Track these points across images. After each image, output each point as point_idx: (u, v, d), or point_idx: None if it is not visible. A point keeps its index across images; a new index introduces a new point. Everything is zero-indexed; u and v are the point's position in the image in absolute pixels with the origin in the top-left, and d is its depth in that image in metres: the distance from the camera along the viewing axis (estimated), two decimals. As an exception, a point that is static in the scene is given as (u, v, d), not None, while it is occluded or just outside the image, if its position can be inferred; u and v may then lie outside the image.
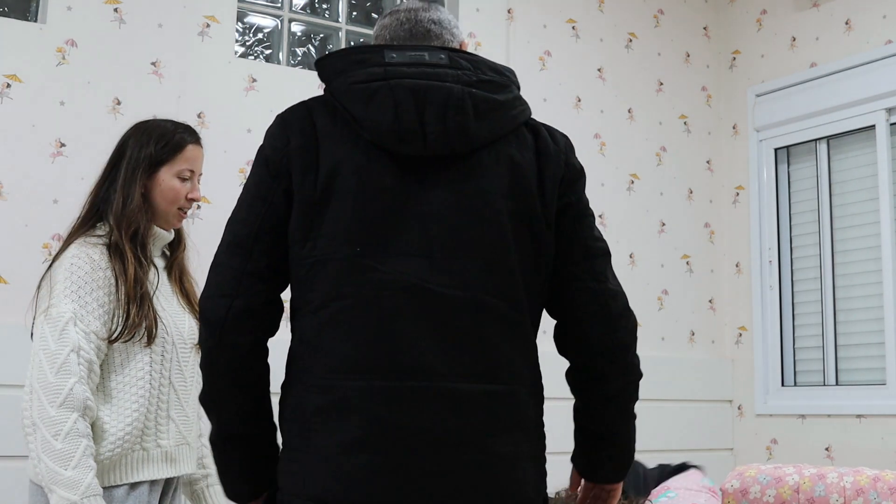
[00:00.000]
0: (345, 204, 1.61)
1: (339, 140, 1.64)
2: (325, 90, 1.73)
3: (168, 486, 2.38)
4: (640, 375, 1.77)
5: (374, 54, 1.67)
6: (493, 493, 1.58)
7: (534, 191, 1.68)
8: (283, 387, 1.68)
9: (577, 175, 1.75)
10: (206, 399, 1.70)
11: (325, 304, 1.61)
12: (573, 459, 1.83)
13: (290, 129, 1.67)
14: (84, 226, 2.35)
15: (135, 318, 2.24)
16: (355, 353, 1.58)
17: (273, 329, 1.68)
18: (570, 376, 1.78)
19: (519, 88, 1.74)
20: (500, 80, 1.70)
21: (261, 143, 1.71)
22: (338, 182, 1.61)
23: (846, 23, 4.15)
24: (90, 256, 2.25)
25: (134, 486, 2.23)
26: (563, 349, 1.76)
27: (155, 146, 2.36)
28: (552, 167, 1.71)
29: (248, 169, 3.38)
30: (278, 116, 1.72)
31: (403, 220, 1.61)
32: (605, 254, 1.75)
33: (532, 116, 1.75)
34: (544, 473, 1.70)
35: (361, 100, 1.62)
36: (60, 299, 2.20)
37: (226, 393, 1.67)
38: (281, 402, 1.68)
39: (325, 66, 1.72)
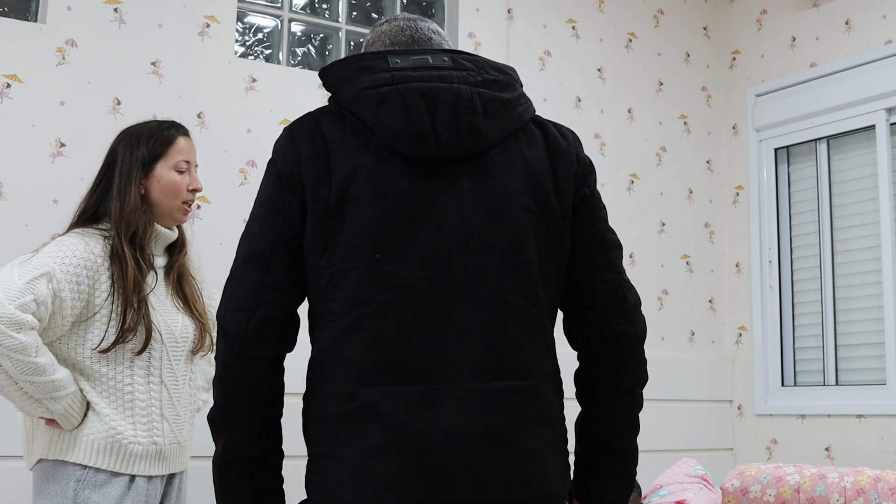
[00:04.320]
0: (361, 211, 1.60)
1: (350, 148, 1.63)
2: (330, 99, 1.72)
3: (170, 485, 2.39)
4: (646, 378, 1.78)
5: (378, 60, 1.67)
6: (523, 487, 1.59)
7: (548, 186, 1.69)
8: (305, 398, 1.66)
9: (588, 168, 1.77)
10: (219, 417, 1.65)
11: (346, 312, 1.60)
12: (573, 487, 1.78)
13: (300, 140, 1.65)
14: (78, 224, 2.36)
15: (130, 323, 2.25)
16: (378, 358, 1.58)
17: (291, 344, 1.66)
18: (581, 374, 1.77)
19: (521, 86, 1.75)
20: (504, 79, 1.71)
21: (269, 155, 1.70)
22: (352, 189, 1.61)
23: (846, 23, 4.15)
24: (86, 241, 2.27)
25: (133, 479, 2.26)
26: (577, 340, 1.77)
27: (146, 145, 2.38)
28: (564, 162, 1.73)
29: (248, 169, 3.39)
30: (286, 129, 1.70)
31: (420, 223, 1.61)
32: (619, 246, 1.78)
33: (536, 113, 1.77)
34: (568, 466, 1.70)
35: (371, 105, 1.63)
36: (44, 257, 2.22)
37: (242, 409, 1.63)
38: (304, 414, 1.66)
39: (331, 75, 1.71)
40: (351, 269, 1.60)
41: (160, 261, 2.42)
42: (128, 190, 2.34)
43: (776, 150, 4.41)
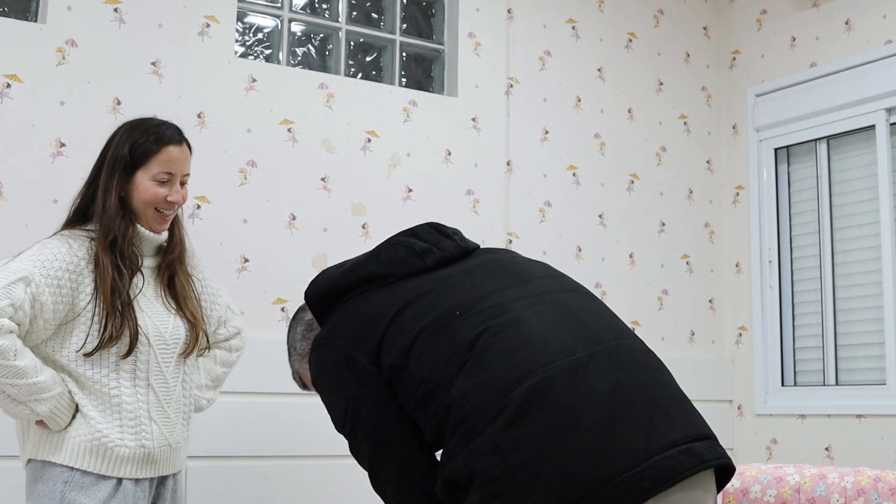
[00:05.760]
0: (419, 311, 1.82)
1: (382, 310, 1.85)
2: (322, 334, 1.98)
3: (163, 486, 2.38)
4: None
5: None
6: (688, 426, 1.72)
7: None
8: (448, 458, 1.69)
9: None
10: None
11: (458, 353, 1.73)
12: None
13: (341, 361, 1.86)
14: (70, 222, 2.36)
15: (113, 330, 2.22)
16: (511, 364, 1.68)
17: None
18: None
19: None
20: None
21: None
22: (401, 309, 1.84)
23: (846, 23, 4.15)
24: (69, 244, 2.26)
25: (120, 482, 2.25)
26: None
27: (130, 149, 2.31)
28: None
29: (248, 169, 3.39)
30: (324, 362, 1.91)
31: (466, 286, 1.86)
32: None
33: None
34: None
35: (371, 262, 1.94)
36: (23, 261, 2.20)
37: None
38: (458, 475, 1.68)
39: (316, 294, 2.00)
40: (439, 336, 1.77)
41: (149, 261, 2.39)
42: (108, 194, 2.30)
43: (776, 150, 4.41)
